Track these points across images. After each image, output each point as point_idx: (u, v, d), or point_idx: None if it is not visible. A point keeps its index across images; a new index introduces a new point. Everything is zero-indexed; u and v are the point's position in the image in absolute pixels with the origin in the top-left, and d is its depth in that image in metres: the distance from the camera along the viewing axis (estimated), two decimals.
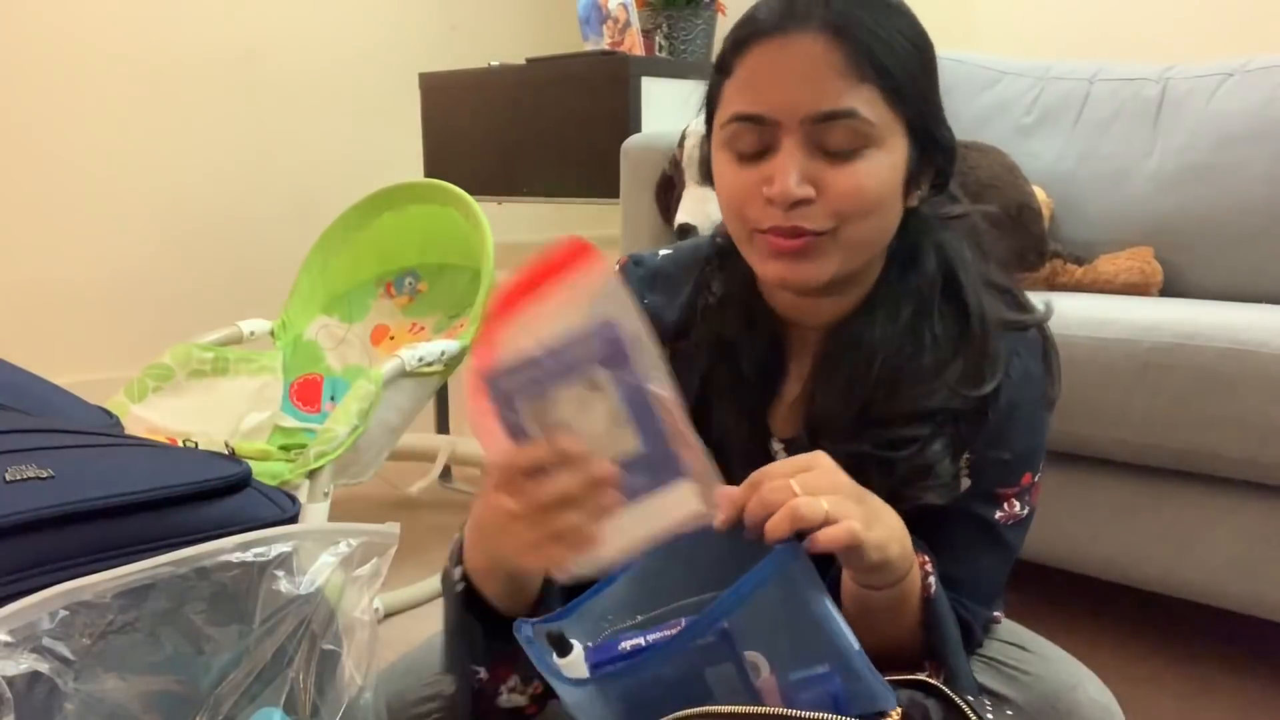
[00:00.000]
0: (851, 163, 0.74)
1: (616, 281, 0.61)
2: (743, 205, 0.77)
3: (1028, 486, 0.84)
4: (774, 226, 0.75)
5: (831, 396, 0.81)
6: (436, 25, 3.34)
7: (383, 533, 0.81)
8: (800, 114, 0.73)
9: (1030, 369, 0.83)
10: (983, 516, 0.83)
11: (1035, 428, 0.84)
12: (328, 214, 2.14)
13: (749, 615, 0.61)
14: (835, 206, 0.74)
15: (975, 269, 0.83)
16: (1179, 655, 1.53)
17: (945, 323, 0.81)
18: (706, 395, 0.84)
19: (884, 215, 0.78)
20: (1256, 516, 1.31)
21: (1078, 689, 0.83)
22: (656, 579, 0.74)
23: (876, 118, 0.74)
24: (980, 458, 0.81)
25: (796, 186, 0.73)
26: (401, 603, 1.69)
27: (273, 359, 1.99)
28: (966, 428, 0.80)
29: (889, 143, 0.75)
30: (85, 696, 0.67)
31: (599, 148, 2.13)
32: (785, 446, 0.85)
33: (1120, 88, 1.90)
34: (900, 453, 0.78)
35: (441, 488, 2.33)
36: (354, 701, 0.77)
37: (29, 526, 0.82)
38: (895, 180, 0.77)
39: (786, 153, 0.74)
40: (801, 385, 0.85)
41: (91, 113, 2.73)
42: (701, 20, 2.54)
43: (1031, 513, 0.86)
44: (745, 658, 0.62)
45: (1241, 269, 1.69)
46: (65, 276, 2.73)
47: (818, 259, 0.76)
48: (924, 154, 0.79)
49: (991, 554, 0.84)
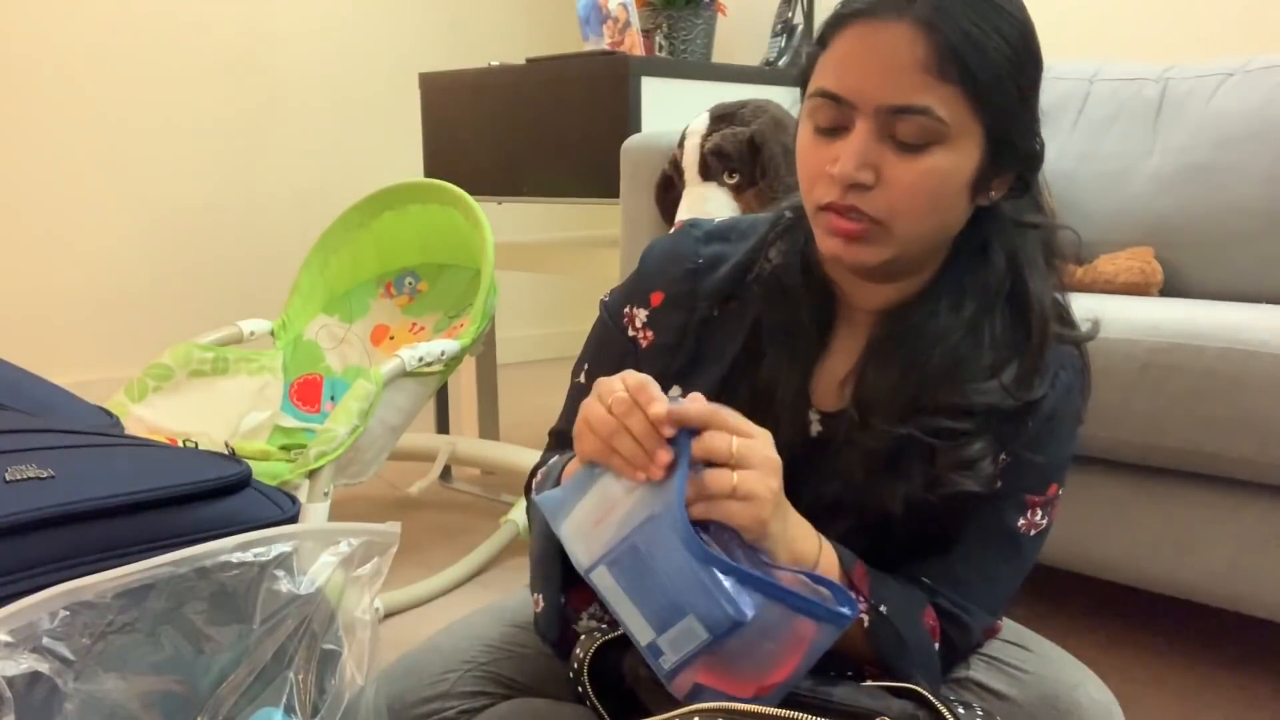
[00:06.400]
0: (917, 156, 0.75)
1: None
2: (813, 179, 0.79)
3: (1052, 498, 0.85)
4: (832, 203, 0.77)
5: (886, 378, 0.82)
6: (436, 25, 3.34)
7: (383, 532, 0.81)
8: (876, 102, 0.74)
9: (1071, 383, 0.84)
10: (1006, 522, 0.84)
11: (1068, 441, 0.85)
12: (328, 214, 2.14)
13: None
14: (891, 197, 0.76)
15: (1043, 278, 0.83)
16: (1179, 655, 1.53)
17: (1005, 324, 0.82)
18: (756, 346, 0.86)
19: (942, 213, 0.79)
20: (1256, 516, 1.31)
21: (1078, 689, 0.83)
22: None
23: (951, 118, 0.74)
24: (1014, 460, 0.82)
25: (857, 170, 0.75)
26: (401, 603, 1.69)
27: (273, 359, 1.99)
28: (1008, 430, 0.81)
29: (961, 144, 0.76)
30: (85, 696, 0.67)
31: (599, 148, 2.13)
32: (821, 419, 0.86)
33: (1120, 88, 1.90)
34: (945, 442, 0.79)
35: (441, 488, 2.33)
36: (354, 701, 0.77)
37: (29, 526, 0.82)
38: (959, 181, 0.77)
39: (857, 135, 0.75)
40: (848, 363, 0.86)
41: (92, 112, 2.73)
42: (701, 20, 2.54)
43: (1049, 527, 0.86)
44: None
45: (1241, 269, 1.69)
46: (65, 277, 2.73)
47: (872, 244, 0.78)
48: (999, 158, 0.79)
49: (1009, 564, 0.85)
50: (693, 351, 0.88)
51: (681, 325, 0.88)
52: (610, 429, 0.71)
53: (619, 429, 0.71)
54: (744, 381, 0.86)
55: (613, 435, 0.71)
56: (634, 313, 0.92)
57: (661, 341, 0.90)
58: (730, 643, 0.68)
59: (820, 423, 0.86)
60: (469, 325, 1.87)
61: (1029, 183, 0.83)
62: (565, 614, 0.85)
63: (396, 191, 2.09)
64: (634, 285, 0.93)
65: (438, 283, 2.13)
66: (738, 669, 0.70)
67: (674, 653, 0.69)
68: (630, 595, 0.71)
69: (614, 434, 0.71)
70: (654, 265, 0.92)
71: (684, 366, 0.88)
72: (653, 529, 0.70)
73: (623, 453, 0.71)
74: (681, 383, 0.88)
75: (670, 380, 0.88)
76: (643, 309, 0.91)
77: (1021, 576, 0.87)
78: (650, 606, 0.70)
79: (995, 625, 0.89)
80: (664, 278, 0.90)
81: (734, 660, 0.69)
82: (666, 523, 0.69)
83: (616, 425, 0.71)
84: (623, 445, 0.71)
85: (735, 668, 0.70)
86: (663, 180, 1.89)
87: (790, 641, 0.70)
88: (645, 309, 0.91)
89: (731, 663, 0.69)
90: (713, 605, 0.67)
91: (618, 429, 0.71)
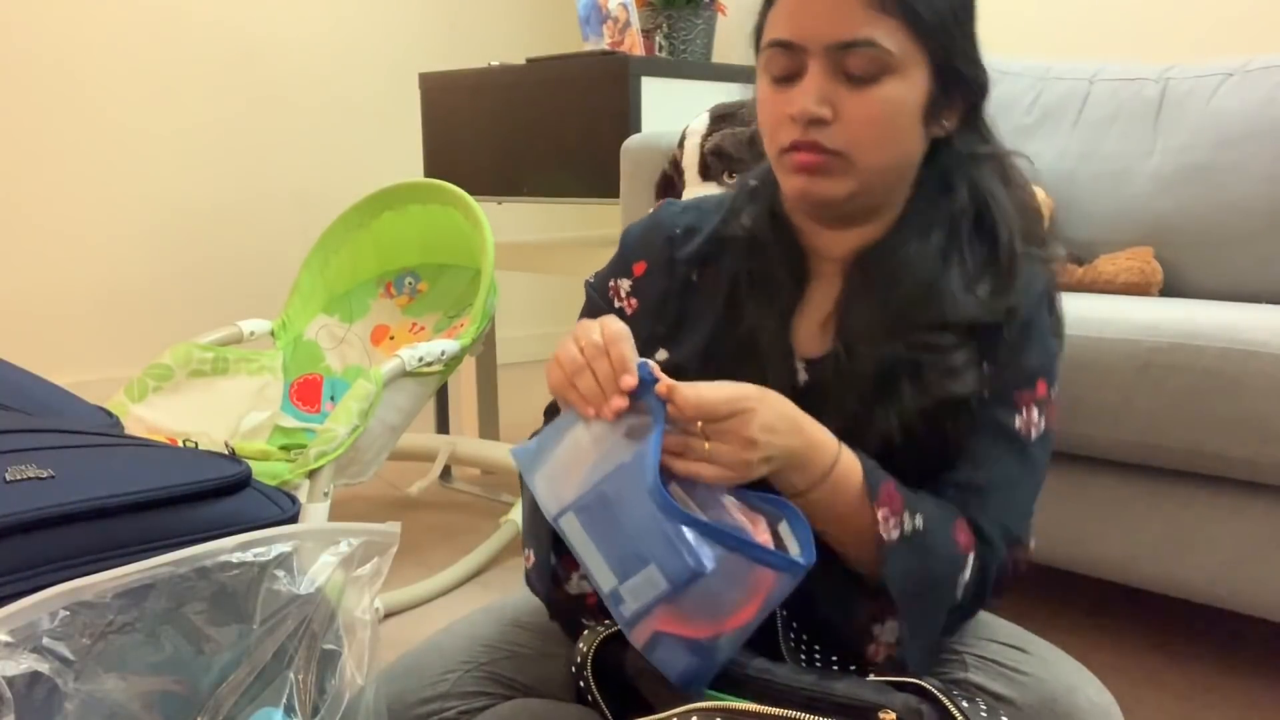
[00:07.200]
0: (870, 88, 0.81)
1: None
2: (775, 125, 0.84)
3: (1044, 398, 0.87)
4: (795, 142, 0.82)
5: (866, 309, 0.86)
6: (436, 25, 3.34)
7: (383, 532, 0.81)
8: (824, 41, 0.80)
9: (1043, 293, 0.88)
10: (1004, 424, 0.86)
11: (1047, 348, 0.88)
12: (328, 214, 2.14)
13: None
14: (850, 129, 0.81)
15: (1005, 202, 0.88)
16: (1179, 655, 1.53)
17: (974, 249, 0.87)
18: (737, 303, 0.90)
19: (898, 142, 0.84)
20: (1256, 516, 1.31)
21: (1077, 691, 0.83)
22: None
23: (896, 48, 0.80)
24: (998, 368, 0.86)
25: (816, 105, 0.81)
26: (401, 603, 1.69)
27: (273, 359, 1.99)
28: (987, 341, 0.85)
29: (909, 73, 0.81)
30: (85, 696, 0.67)
31: (599, 148, 2.13)
32: (807, 365, 0.89)
33: (1120, 88, 1.90)
34: (929, 355, 0.84)
35: (441, 488, 2.33)
36: (354, 701, 0.77)
37: (29, 526, 0.82)
38: (912, 110, 0.83)
39: (811, 75, 0.81)
40: (826, 309, 0.90)
41: (92, 112, 2.73)
42: (701, 20, 2.54)
43: (1050, 433, 0.88)
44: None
45: (1241, 269, 1.69)
46: (66, 277, 2.73)
47: (835, 177, 0.83)
48: (947, 86, 0.84)
49: (1017, 467, 0.86)
50: (676, 315, 0.92)
51: (664, 290, 0.93)
52: (576, 367, 0.76)
53: (584, 368, 0.75)
54: (728, 338, 0.89)
55: (577, 373, 0.76)
56: (618, 284, 0.96)
57: (646, 307, 0.94)
58: (690, 592, 0.70)
59: (806, 370, 0.89)
60: (469, 325, 1.87)
61: (979, 111, 0.88)
62: (556, 573, 0.87)
63: (396, 191, 2.09)
64: (616, 261, 0.97)
65: (438, 283, 2.13)
66: (697, 616, 0.72)
67: (635, 601, 0.72)
68: (596, 543, 0.73)
69: (578, 372, 0.76)
70: (634, 240, 0.97)
71: (669, 330, 0.92)
72: (621, 478, 0.72)
73: (581, 389, 0.75)
74: (667, 346, 0.91)
75: (656, 344, 0.92)
76: (626, 279, 0.96)
77: (1034, 485, 0.88)
78: (614, 555, 0.72)
79: (1023, 542, 0.87)
80: (645, 248, 0.96)
81: (694, 608, 0.72)
82: (635, 473, 0.72)
83: (583, 365, 0.75)
84: (583, 383, 0.75)
85: (694, 615, 0.72)
86: (663, 180, 1.89)
87: (749, 590, 0.72)
88: (629, 279, 0.96)
89: (691, 610, 0.72)
90: (674, 556, 0.70)
91: (583, 368, 0.75)
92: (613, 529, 0.72)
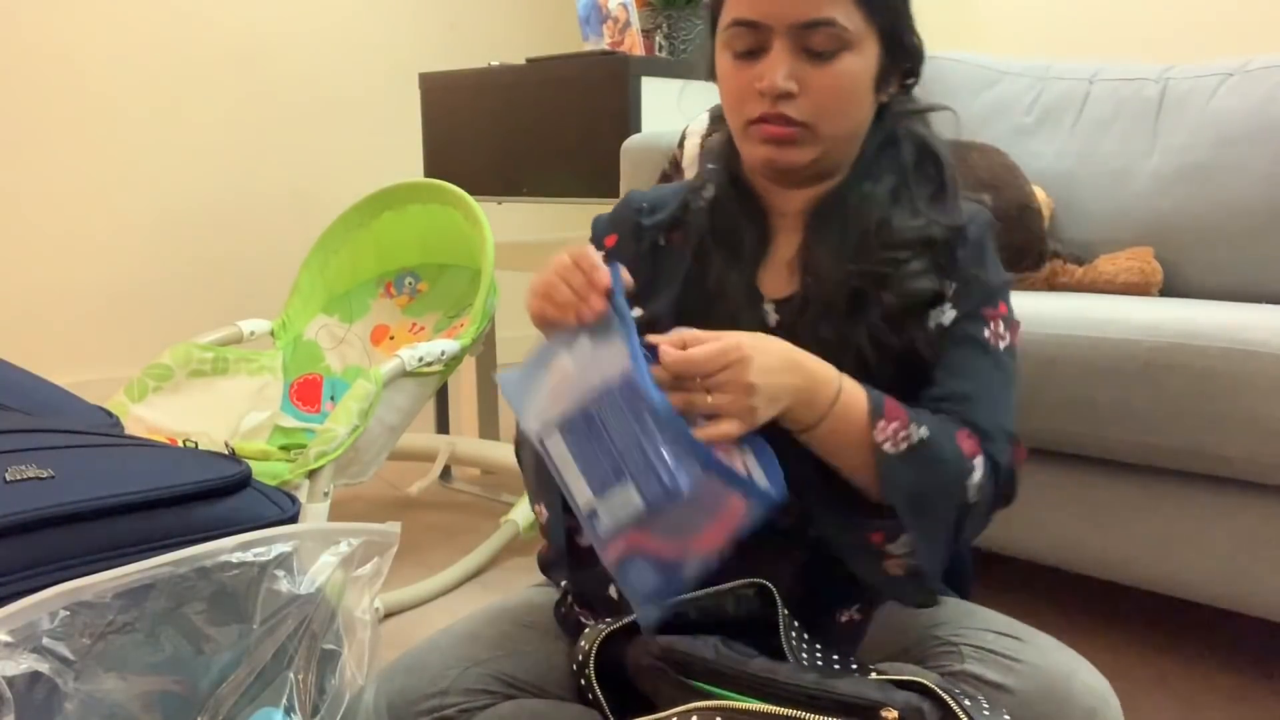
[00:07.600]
0: (830, 63, 0.88)
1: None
2: (740, 100, 0.91)
3: (1006, 316, 0.93)
4: (763, 114, 0.89)
5: (828, 244, 0.92)
6: (436, 25, 3.34)
7: (383, 532, 0.81)
8: (789, 21, 0.87)
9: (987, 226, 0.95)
10: (975, 337, 0.91)
11: (999, 270, 0.94)
12: (328, 214, 2.14)
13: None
14: (814, 101, 0.88)
15: (941, 143, 0.96)
16: (1179, 655, 1.53)
17: (920, 188, 0.94)
18: (704, 259, 0.96)
19: (858, 109, 0.92)
20: (1256, 516, 1.31)
21: (1073, 676, 0.85)
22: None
23: (852, 25, 0.87)
24: (962, 285, 0.91)
25: (783, 80, 0.87)
26: (401, 603, 1.69)
27: (273, 359, 1.99)
28: (943, 259, 0.91)
29: (863, 46, 0.88)
30: (85, 696, 0.67)
31: (599, 148, 2.13)
32: (776, 306, 0.94)
33: (1120, 88, 1.90)
34: (888, 268, 0.90)
35: (441, 488, 2.33)
36: (354, 701, 0.77)
37: (29, 526, 0.82)
38: (867, 79, 0.90)
39: (776, 53, 0.88)
40: (789, 254, 0.95)
41: (92, 112, 2.73)
42: (701, 20, 2.54)
43: (1014, 348, 0.93)
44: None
45: (1241, 269, 1.69)
46: (65, 276, 2.73)
47: (800, 146, 0.90)
48: (893, 56, 0.92)
49: (995, 372, 0.91)
50: (648, 275, 0.97)
51: (634, 253, 0.98)
52: (550, 285, 0.81)
53: (558, 283, 0.81)
54: (698, 290, 0.95)
55: (552, 288, 0.81)
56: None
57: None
58: (665, 512, 0.73)
59: (776, 310, 0.94)
60: (469, 325, 1.87)
61: (917, 76, 0.96)
62: (569, 527, 0.91)
63: (396, 191, 2.08)
64: (590, 242, 1.01)
65: (438, 283, 2.13)
66: (668, 535, 0.75)
67: (610, 519, 0.74)
68: (577, 460, 0.76)
69: (553, 287, 0.81)
70: (604, 221, 1.03)
71: (641, 289, 0.94)
72: (606, 397, 0.75)
73: (558, 300, 0.81)
74: (640, 303, 0.95)
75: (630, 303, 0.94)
76: (600, 252, 0.98)
77: (1010, 388, 0.92)
78: (595, 473, 0.75)
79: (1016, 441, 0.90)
80: (615, 223, 1.02)
81: (666, 527, 0.74)
82: (620, 391, 0.75)
83: (556, 280, 0.81)
84: (559, 294, 0.81)
85: (666, 533, 0.75)
86: (662, 180, 1.89)
87: (721, 515, 0.75)
88: (602, 251, 1.00)
89: (663, 529, 0.74)
90: (651, 476, 0.72)
91: (557, 283, 0.81)
92: (595, 446, 0.75)
